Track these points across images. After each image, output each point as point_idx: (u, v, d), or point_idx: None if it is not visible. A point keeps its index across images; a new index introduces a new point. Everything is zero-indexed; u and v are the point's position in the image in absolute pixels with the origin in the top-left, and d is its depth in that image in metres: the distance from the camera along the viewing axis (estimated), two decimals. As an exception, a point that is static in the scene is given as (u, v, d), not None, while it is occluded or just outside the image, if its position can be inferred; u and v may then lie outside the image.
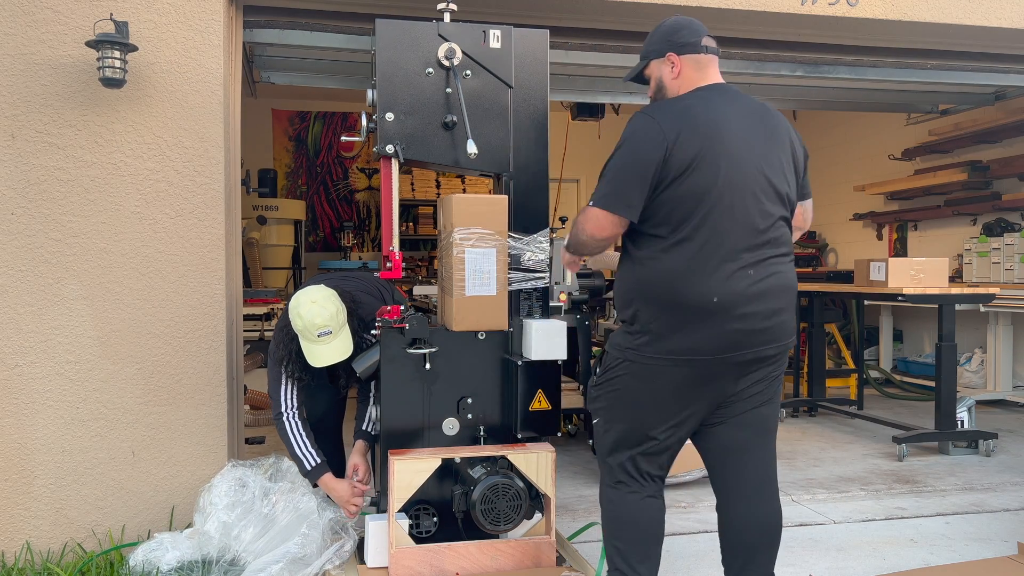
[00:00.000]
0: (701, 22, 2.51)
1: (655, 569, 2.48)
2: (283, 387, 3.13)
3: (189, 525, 3.13)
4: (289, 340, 3.04)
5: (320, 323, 2.87)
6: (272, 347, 3.16)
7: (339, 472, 3.17)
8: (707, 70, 2.46)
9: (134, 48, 3.18)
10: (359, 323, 3.07)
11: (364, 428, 3.19)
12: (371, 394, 3.15)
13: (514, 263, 2.91)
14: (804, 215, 2.60)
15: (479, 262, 2.84)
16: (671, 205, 2.28)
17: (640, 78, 2.58)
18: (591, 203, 2.37)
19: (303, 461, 3.05)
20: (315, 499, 3.06)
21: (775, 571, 2.50)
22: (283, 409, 3.11)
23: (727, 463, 2.46)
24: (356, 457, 3.14)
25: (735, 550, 2.47)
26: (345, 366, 3.04)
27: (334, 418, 3.42)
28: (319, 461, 3.06)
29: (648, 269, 2.34)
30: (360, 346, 3.05)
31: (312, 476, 3.05)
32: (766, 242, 2.32)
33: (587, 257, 2.64)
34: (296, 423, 3.09)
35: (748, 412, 2.42)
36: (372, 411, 3.08)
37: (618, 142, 2.37)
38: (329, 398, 3.36)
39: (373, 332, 2.99)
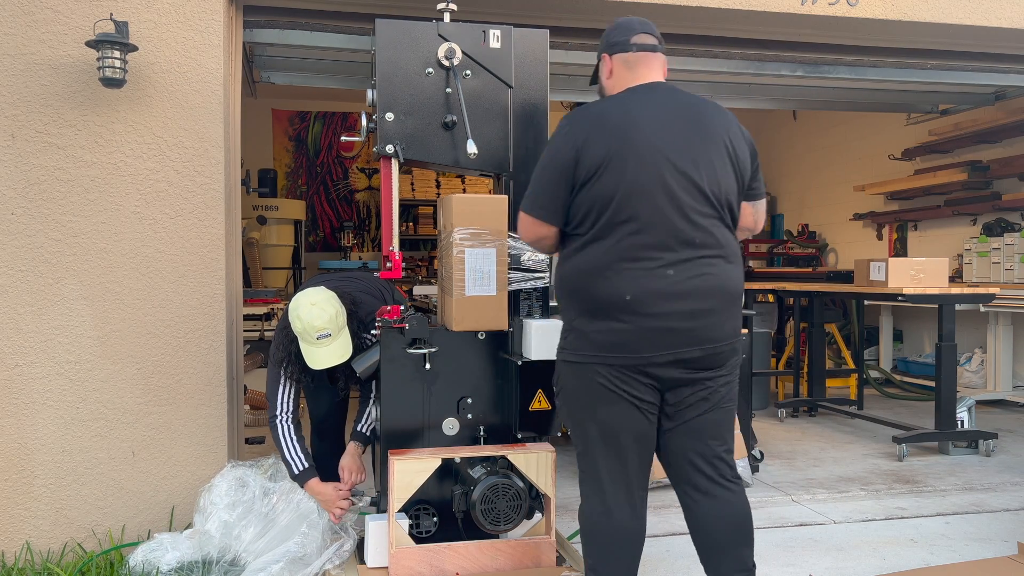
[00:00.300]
0: (651, 20, 2.50)
1: None
2: (281, 389, 3.12)
3: (189, 525, 3.14)
4: (289, 342, 3.03)
5: (319, 325, 2.87)
6: (272, 348, 3.15)
7: (337, 473, 3.17)
8: (637, 69, 2.45)
9: (134, 48, 3.18)
10: (359, 324, 3.06)
11: (359, 428, 3.18)
12: (372, 394, 3.15)
13: (514, 263, 2.91)
14: (754, 216, 2.53)
15: (479, 262, 2.84)
16: (586, 206, 2.30)
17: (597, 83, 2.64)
18: (523, 206, 2.43)
19: (292, 465, 3.05)
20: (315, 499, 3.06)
21: (755, 562, 2.45)
22: (278, 412, 3.11)
23: (683, 468, 2.41)
24: (346, 459, 3.13)
25: (709, 551, 2.44)
26: (344, 368, 3.03)
27: (336, 418, 3.42)
28: (307, 466, 3.04)
29: (567, 267, 2.37)
30: (360, 347, 3.04)
31: (299, 480, 3.04)
32: (690, 241, 2.27)
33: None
34: (289, 427, 3.08)
35: (695, 419, 2.36)
36: (372, 411, 3.08)
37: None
38: (331, 399, 3.35)
39: (373, 332, 2.98)
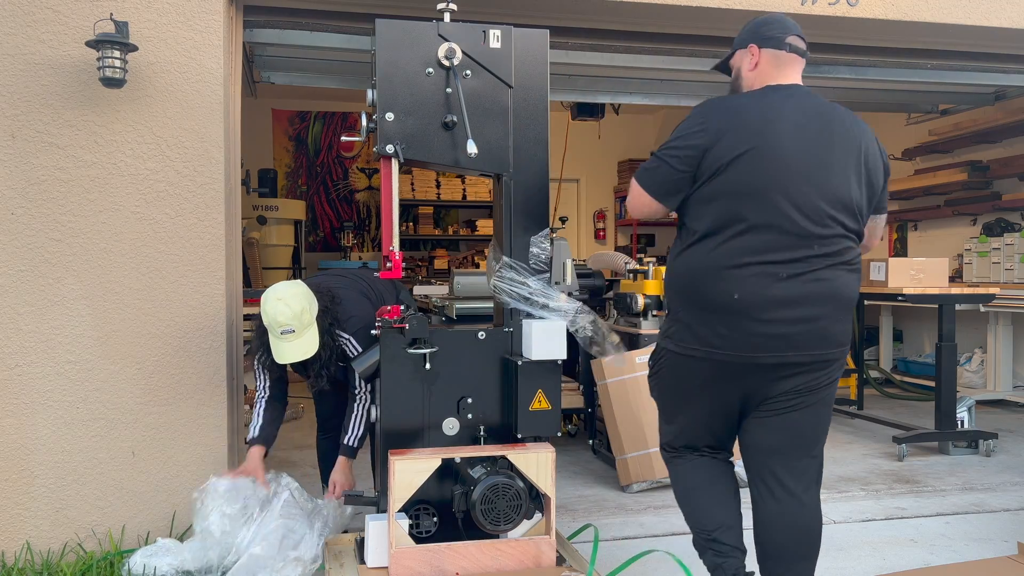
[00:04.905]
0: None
1: (732, 534, 2.46)
2: (258, 376, 3.25)
3: (189, 526, 3.13)
4: (262, 333, 3.09)
5: (282, 321, 2.92)
6: (251, 338, 3.21)
7: None
8: (785, 68, 2.42)
9: (134, 48, 3.18)
10: (332, 321, 3.08)
11: (346, 442, 3.22)
12: (356, 403, 3.17)
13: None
14: (872, 231, 2.50)
15: None
16: (707, 201, 2.29)
17: (726, 69, 2.59)
18: (635, 175, 2.42)
19: (249, 431, 3.22)
20: (311, 500, 3.07)
21: None
22: (259, 393, 3.27)
23: (759, 463, 2.46)
24: (336, 474, 3.20)
25: (767, 550, 2.45)
26: (315, 364, 3.07)
27: (340, 418, 3.43)
28: (255, 436, 3.18)
29: (678, 262, 2.39)
30: (330, 346, 3.05)
31: (247, 444, 3.21)
32: (811, 247, 2.24)
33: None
34: (262, 403, 3.24)
35: (778, 416, 2.39)
36: (373, 411, 3.08)
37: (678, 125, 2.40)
38: (335, 400, 3.38)
39: (374, 332, 2.99)
